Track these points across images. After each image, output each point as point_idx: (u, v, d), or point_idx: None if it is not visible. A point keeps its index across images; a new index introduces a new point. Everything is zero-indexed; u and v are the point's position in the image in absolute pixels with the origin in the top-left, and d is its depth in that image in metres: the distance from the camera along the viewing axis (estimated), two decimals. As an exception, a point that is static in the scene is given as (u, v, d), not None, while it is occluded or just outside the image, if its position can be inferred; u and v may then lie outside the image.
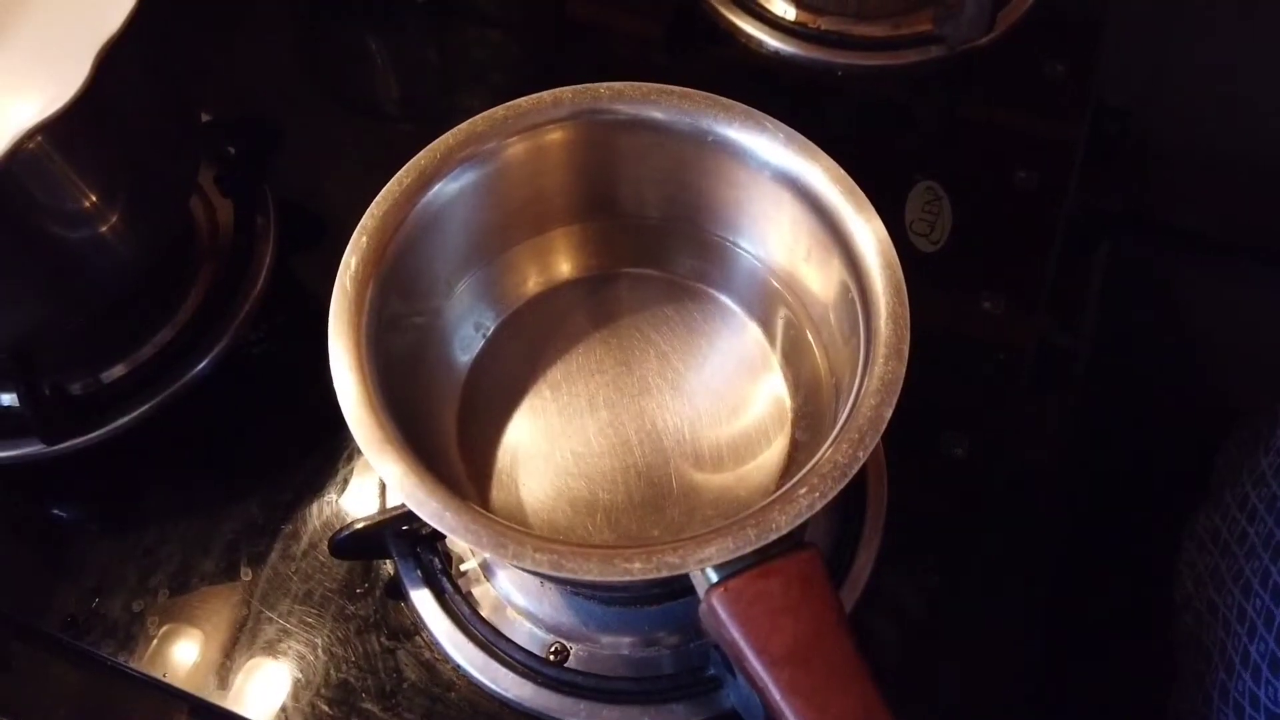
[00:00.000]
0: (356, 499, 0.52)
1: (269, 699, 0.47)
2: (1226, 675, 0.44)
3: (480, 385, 0.48)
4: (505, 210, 0.47)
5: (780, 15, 0.67)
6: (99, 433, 0.53)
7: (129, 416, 0.53)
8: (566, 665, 0.47)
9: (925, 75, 0.66)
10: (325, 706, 0.47)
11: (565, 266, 0.51)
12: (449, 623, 0.48)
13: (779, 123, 0.43)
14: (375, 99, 0.70)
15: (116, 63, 0.42)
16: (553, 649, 0.47)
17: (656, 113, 0.44)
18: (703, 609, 0.35)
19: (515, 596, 0.48)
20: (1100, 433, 0.63)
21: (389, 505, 0.50)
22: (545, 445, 0.47)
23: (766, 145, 0.43)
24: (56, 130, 0.41)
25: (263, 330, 0.57)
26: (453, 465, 0.46)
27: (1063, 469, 0.54)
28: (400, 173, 0.43)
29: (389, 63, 0.71)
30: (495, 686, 0.46)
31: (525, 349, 0.49)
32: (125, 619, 0.50)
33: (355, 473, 0.53)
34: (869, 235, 0.41)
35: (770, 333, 0.49)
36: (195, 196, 0.59)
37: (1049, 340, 0.58)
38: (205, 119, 0.60)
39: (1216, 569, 0.48)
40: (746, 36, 0.67)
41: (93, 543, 0.52)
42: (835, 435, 0.37)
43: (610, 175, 0.47)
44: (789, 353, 0.48)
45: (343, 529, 0.47)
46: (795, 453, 0.46)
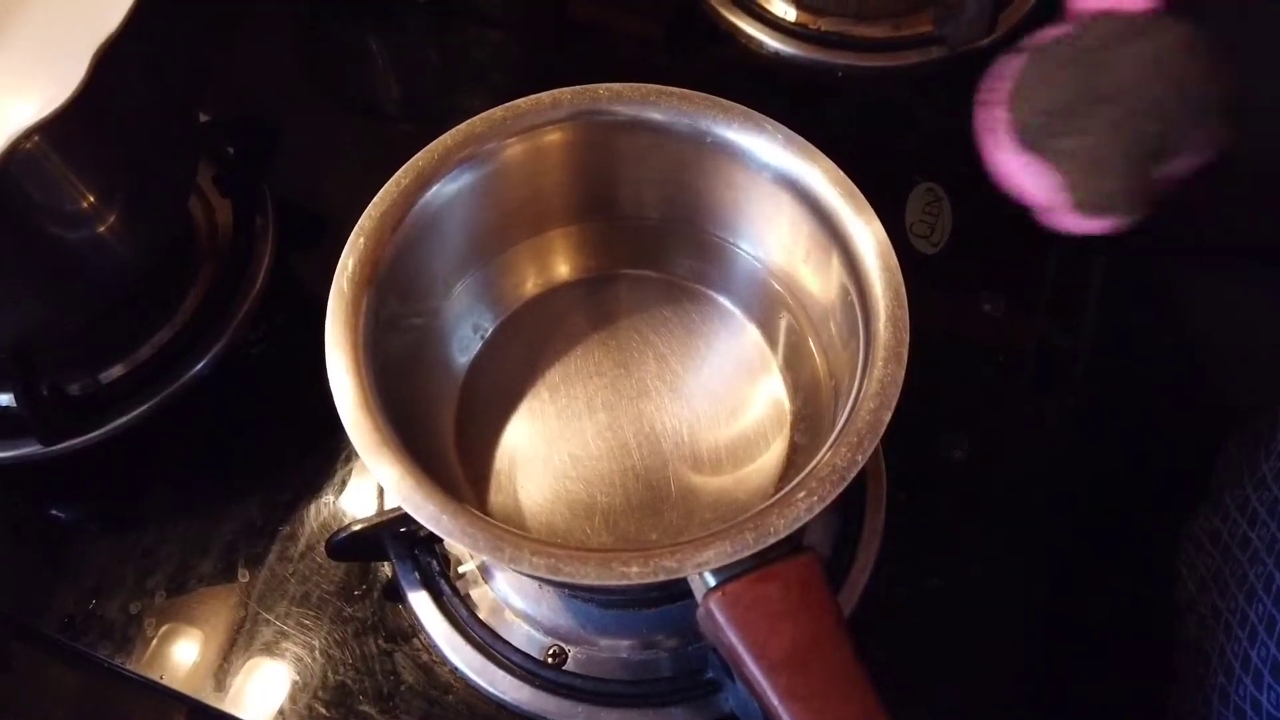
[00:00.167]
0: (354, 500, 0.52)
1: (266, 701, 0.47)
2: (1226, 679, 0.44)
3: (478, 387, 0.48)
4: (504, 211, 0.47)
5: (780, 16, 0.67)
6: (97, 433, 0.53)
7: (127, 417, 0.53)
8: (564, 668, 0.47)
9: (926, 76, 0.66)
10: (322, 709, 0.47)
11: (564, 268, 0.51)
12: (447, 625, 0.47)
13: (778, 124, 0.43)
14: (375, 99, 0.70)
15: (115, 62, 0.42)
16: (551, 651, 0.47)
17: (656, 114, 0.44)
18: (700, 613, 0.35)
19: (513, 599, 0.48)
20: (1100, 434, 0.63)
21: (387, 507, 0.50)
22: (543, 447, 0.47)
23: (766, 146, 0.43)
24: (54, 130, 0.41)
25: (261, 331, 0.57)
26: (450, 467, 0.46)
27: (1062, 470, 0.54)
28: (398, 173, 0.43)
29: (389, 63, 0.71)
30: (493, 689, 0.46)
31: (523, 350, 0.49)
32: (123, 620, 0.50)
33: (353, 474, 0.53)
34: (869, 237, 0.41)
35: (769, 335, 0.49)
36: (194, 196, 0.59)
37: (1049, 341, 0.57)
38: (204, 119, 0.60)
39: (1219, 572, 0.48)
40: (746, 37, 0.67)
41: (90, 543, 0.52)
42: (834, 438, 0.37)
43: (609, 176, 0.47)
44: (788, 355, 0.48)
45: (340, 531, 0.46)
46: (794, 455, 0.46)
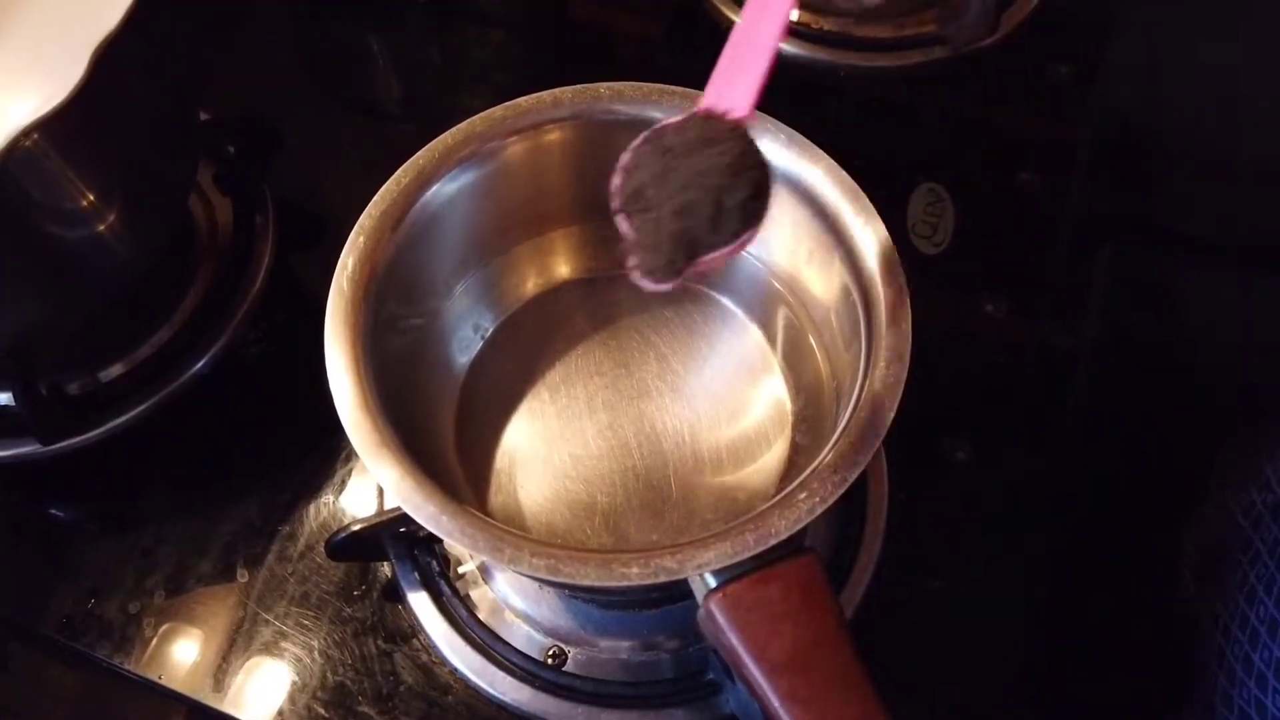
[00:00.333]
0: (354, 500, 0.52)
1: (265, 701, 0.47)
2: (1229, 682, 0.43)
3: (478, 387, 0.48)
4: (504, 211, 0.47)
5: (782, 16, 0.67)
6: (96, 433, 0.52)
7: (126, 416, 0.53)
8: (564, 669, 0.46)
9: (928, 77, 0.66)
10: (321, 709, 0.47)
11: (564, 268, 0.51)
12: (446, 625, 0.47)
13: (780, 124, 0.43)
14: (375, 98, 0.70)
15: (114, 60, 0.42)
16: (550, 652, 0.47)
17: (657, 113, 0.44)
18: (701, 614, 0.35)
19: (513, 599, 0.48)
20: (1101, 435, 0.63)
21: (386, 507, 0.50)
22: (544, 448, 0.47)
23: (768, 147, 0.43)
24: (53, 128, 0.41)
25: (261, 330, 0.57)
26: (450, 468, 0.46)
27: (1063, 471, 0.54)
28: (398, 172, 0.43)
29: (389, 62, 0.71)
30: (492, 690, 0.46)
31: (524, 351, 0.49)
32: (121, 620, 0.49)
33: (353, 474, 0.53)
34: (871, 237, 0.40)
35: (771, 335, 0.49)
36: (194, 195, 0.59)
37: (1050, 342, 0.57)
38: (204, 117, 0.60)
39: (1218, 574, 0.48)
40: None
41: (89, 543, 0.52)
42: (836, 439, 0.37)
43: (609, 175, 0.47)
44: (790, 355, 0.48)
45: (340, 531, 0.46)
46: (795, 456, 0.46)
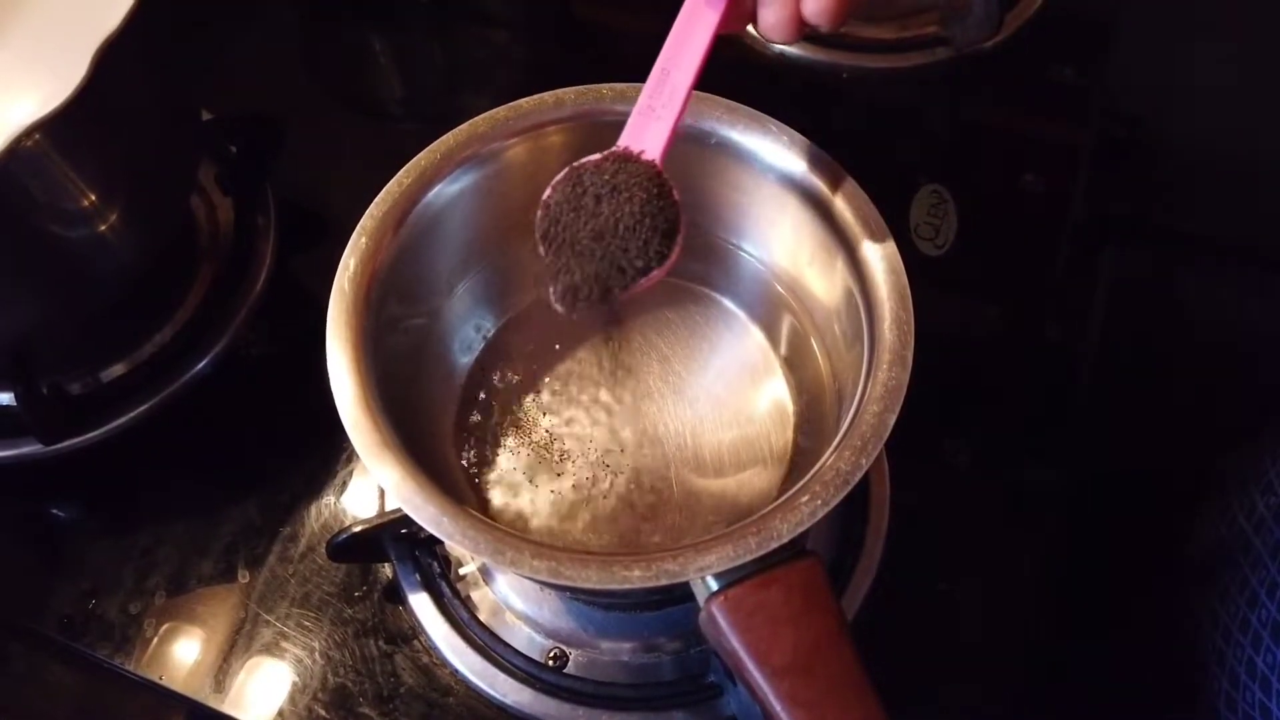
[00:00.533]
0: (355, 501, 0.52)
1: (266, 702, 0.47)
2: (1231, 685, 0.43)
3: (480, 388, 0.48)
4: (506, 212, 0.46)
5: (785, 16, 0.67)
6: (97, 432, 0.52)
7: (127, 416, 0.53)
8: (565, 671, 0.46)
9: (931, 78, 0.66)
10: (322, 711, 0.47)
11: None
12: (447, 627, 0.47)
13: (783, 125, 0.43)
14: (377, 98, 0.70)
15: (116, 60, 0.42)
16: (551, 654, 0.47)
17: (659, 114, 0.44)
18: (702, 617, 0.35)
19: (514, 601, 0.48)
20: (1104, 437, 0.63)
21: (387, 508, 0.50)
22: (545, 450, 0.47)
23: (771, 148, 0.43)
24: (55, 128, 0.41)
25: (262, 330, 0.57)
26: (451, 469, 0.46)
27: (1066, 474, 0.54)
28: (400, 173, 0.43)
29: (391, 62, 0.71)
30: (493, 692, 0.46)
31: (526, 352, 0.49)
32: (122, 620, 0.49)
33: (354, 475, 0.53)
34: (873, 239, 0.40)
35: (773, 337, 0.49)
36: (196, 195, 0.59)
37: (1053, 345, 0.57)
38: (206, 117, 0.60)
39: (1220, 577, 0.48)
40: (751, 38, 0.67)
41: (90, 543, 0.52)
42: (838, 442, 0.37)
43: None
44: (792, 357, 0.48)
45: (341, 532, 0.46)
46: (797, 458, 0.46)
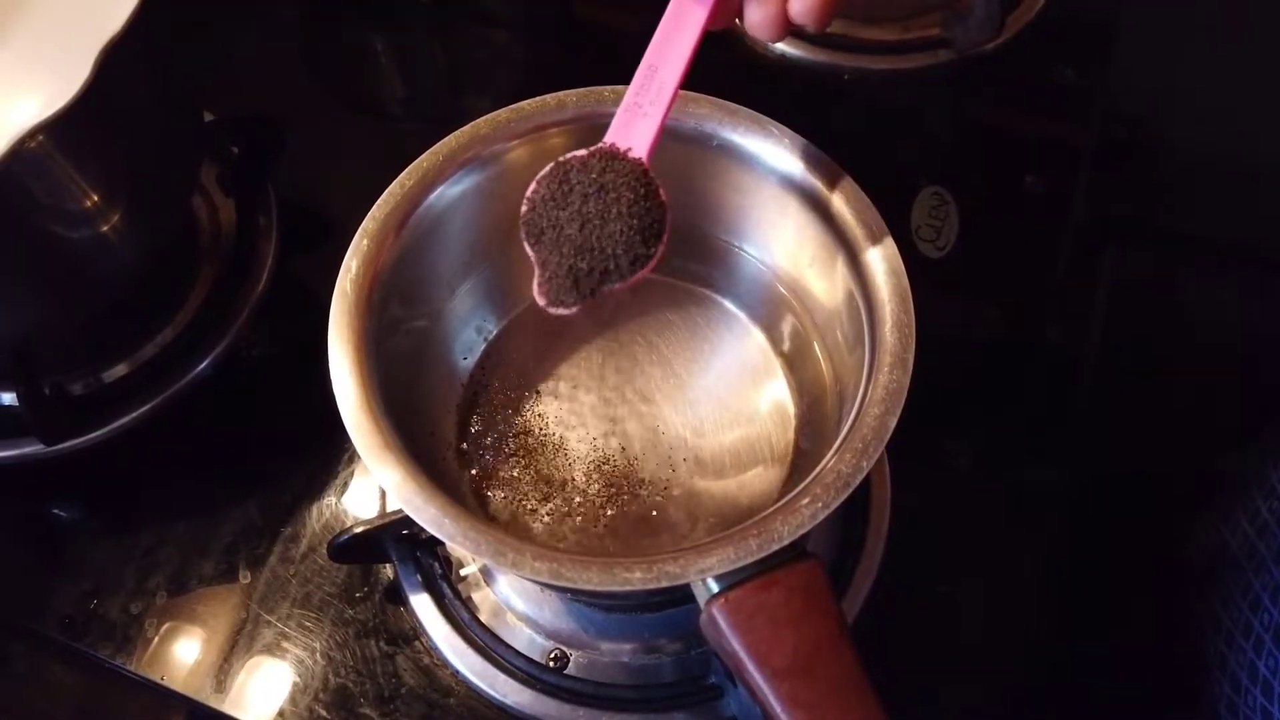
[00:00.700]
0: (356, 501, 0.52)
1: (267, 703, 0.47)
2: (1233, 690, 0.43)
3: (481, 390, 0.48)
4: (508, 214, 0.46)
5: (787, 18, 0.67)
6: (99, 433, 0.52)
7: (129, 417, 0.53)
8: (566, 672, 0.46)
9: (933, 79, 0.66)
10: (323, 711, 0.47)
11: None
12: (448, 628, 0.47)
13: (784, 127, 0.43)
14: (379, 99, 0.70)
15: (119, 62, 0.42)
16: (552, 655, 0.47)
17: (661, 116, 0.44)
18: (703, 619, 0.35)
19: (515, 602, 0.48)
20: (1105, 440, 0.63)
21: (389, 509, 0.50)
22: (546, 450, 0.47)
23: (772, 150, 0.43)
24: (58, 129, 0.41)
25: (264, 331, 0.57)
26: (452, 470, 0.46)
27: (1067, 476, 0.54)
28: (403, 175, 0.43)
29: (393, 63, 0.71)
30: (494, 692, 0.46)
31: (527, 354, 0.49)
32: (123, 620, 0.49)
33: (355, 475, 0.53)
34: (874, 241, 0.40)
35: (774, 339, 0.49)
36: (197, 196, 0.59)
37: (1054, 346, 0.57)
38: (208, 118, 0.60)
39: (1223, 582, 0.48)
40: (752, 40, 0.67)
41: (91, 543, 0.52)
42: (839, 444, 0.37)
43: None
44: (793, 359, 0.48)
45: (342, 532, 0.46)
46: (798, 460, 0.46)
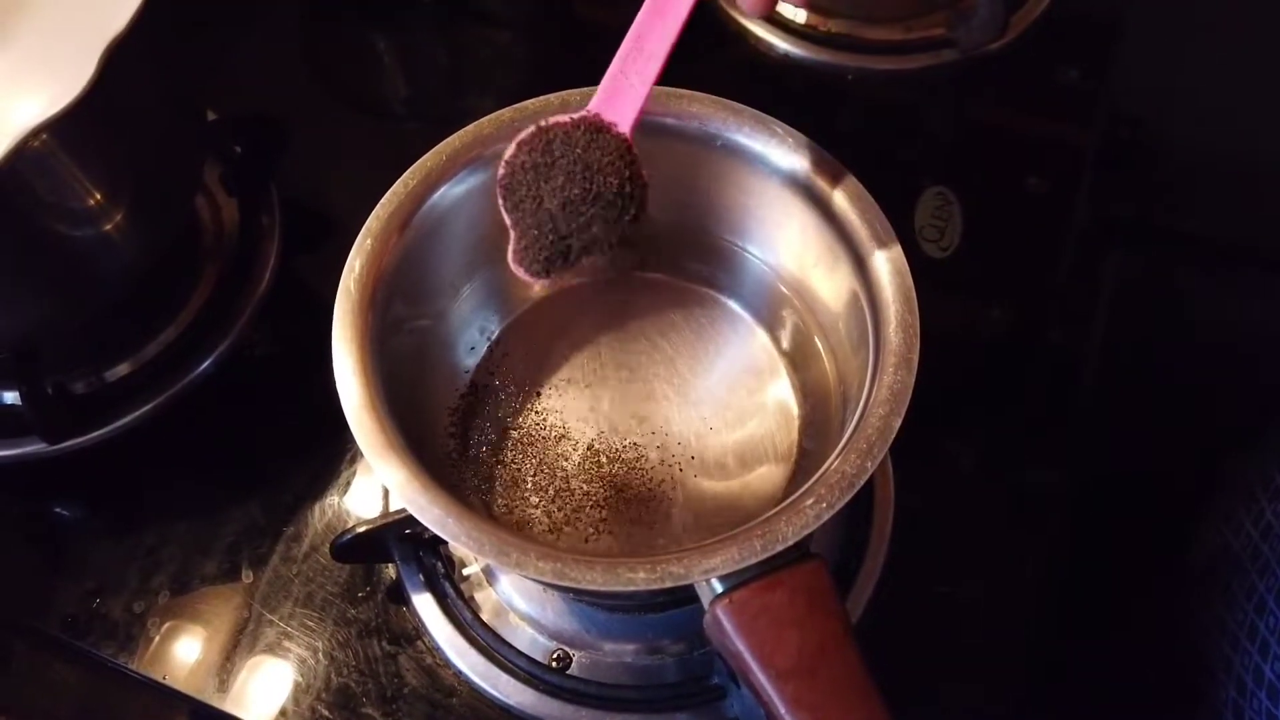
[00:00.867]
0: (359, 501, 0.52)
1: (269, 702, 0.47)
2: (1238, 694, 0.43)
3: (484, 390, 0.48)
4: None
5: (790, 18, 0.67)
6: (101, 432, 0.52)
7: (131, 416, 0.53)
8: (569, 672, 0.46)
9: (937, 79, 0.65)
10: (325, 711, 0.47)
11: (571, 270, 0.50)
12: (451, 628, 0.47)
13: (789, 127, 0.43)
14: (382, 99, 0.70)
15: (122, 61, 0.42)
16: (555, 655, 0.47)
17: (665, 116, 0.44)
18: (707, 620, 0.35)
19: (517, 602, 0.48)
20: (1108, 440, 0.63)
21: (391, 509, 0.50)
22: (549, 450, 0.47)
23: (776, 150, 0.43)
24: (62, 128, 0.41)
25: (266, 330, 0.57)
26: (455, 470, 0.46)
27: (1070, 477, 0.53)
28: (406, 174, 0.43)
29: (396, 62, 0.71)
30: (496, 693, 0.46)
31: (530, 353, 0.49)
32: (126, 620, 0.49)
33: (358, 475, 0.53)
34: (879, 242, 0.40)
35: (778, 339, 0.49)
36: (200, 195, 0.59)
37: (1058, 347, 0.57)
38: (211, 117, 0.60)
39: (1226, 584, 0.47)
40: (756, 39, 0.67)
41: (93, 542, 0.52)
42: (843, 445, 0.36)
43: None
44: (797, 360, 0.48)
45: (345, 532, 0.46)
46: (802, 461, 0.46)
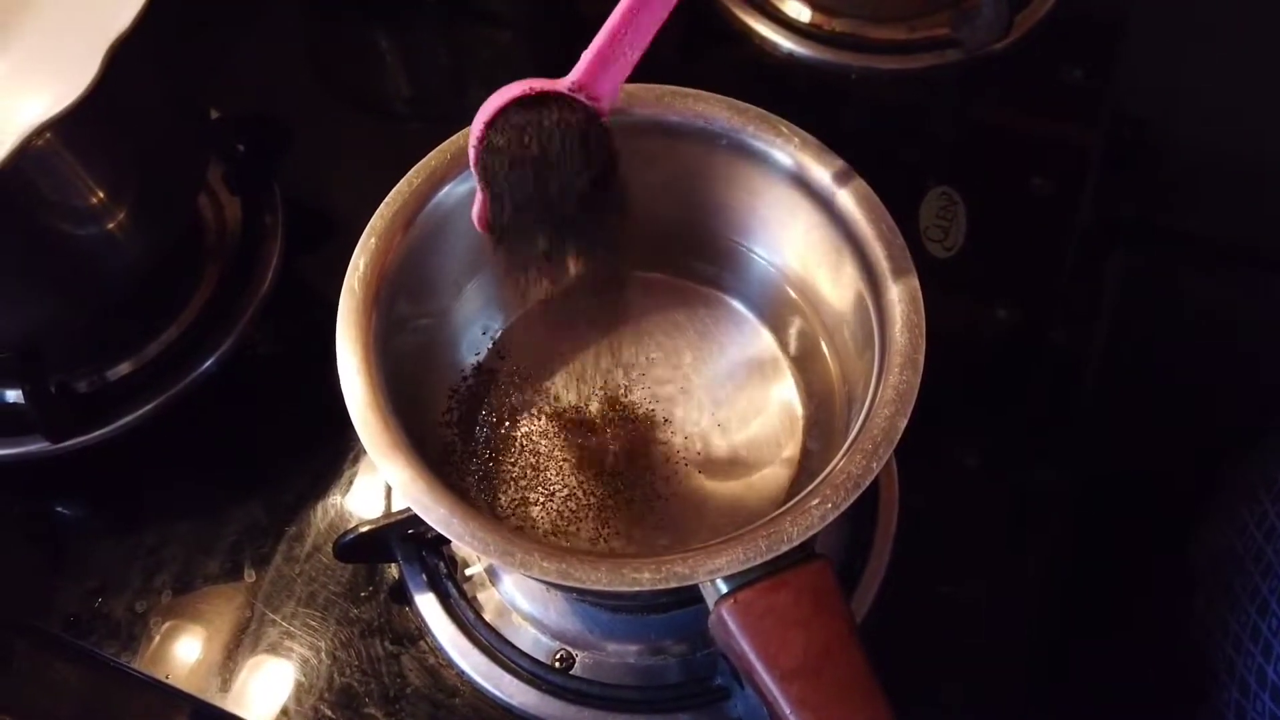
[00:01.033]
0: (361, 501, 0.52)
1: (271, 702, 0.47)
2: (1241, 695, 0.43)
3: (487, 389, 0.48)
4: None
5: (794, 17, 0.67)
6: (103, 431, 0.52)
7: (134, 415, 0.53)
8: (572, 673, 0.46)
9: (941, 79, 0.65)
10: (328, 710, 0.47)
11: (574, 269, 0.50)
12: (453, 628, 0.47)
13: (794, 126, 0.43)
14: (384, 98, 0.70)
15: (126, 60, 0.42)
16: (558, 656, 0.47)
17: (670, 115, 0.44)
18: (712, 620, 0.35)
19: (520, 602, 0.48)
20: (1111, 441, 0.63)
21: (396, 509, 0.50)
22: (552, 450, 0.47)
23: (781, 149, 0.43)
24: (65, 127, 0.41)
25: (269, 329, 0.57)
26: (458, 470, 0.46)
27: (1073, 477, 0.53)
28: (410, 173, 0.42)
29: (398, 62, 0.71)
30: (499, 693, 0.46)
31: (533, 352, 0.49)
32: (128, 619, 0.49)
33: (360, 474, 0.53)
34: (884, 242, 0.40)
35: (783, 339, 0.48)
36: (203, 194, 0.59)
37: (1062, 347, 0.57)
38: (215, 116, 0.60)
39: (1229, 585, 0.47)
40: (760, 38, 0.67)
41: (96, 542, 0.52)
42: (849, 445, 0.36)
43: (622, 178, 0.47)
44: (801, 360, 0.48)
45: (348, 532, 0.46)
46: (806, 461, 0.46)
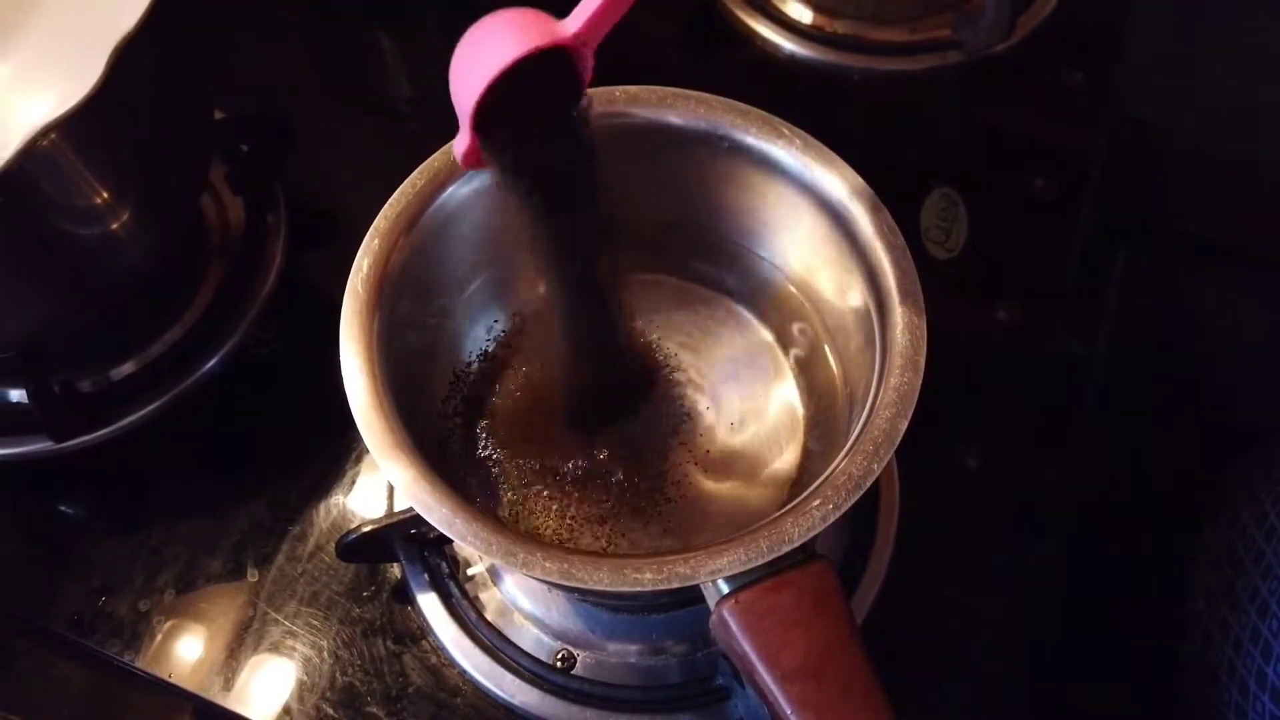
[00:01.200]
0: (364, 500, 0.52)
1: (273, 701, 0.47)
2: (1241, 696, 0.43)
3: (490, 389, 0.48)
4: (518, 212, 0.46)
5: (796, 18, 0.67)
6: (107, 430, 0.52)
7: (137, 415, 0.53)
8: (573, 672, 0.46)
9: (942, 81, 0.65)
10: (330, 710, 0.47)
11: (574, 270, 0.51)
12: (455, 627, 0.47)
13: (795, 128, 0.43)
14: (387, 98, 0.70)
15: (131, 60, 0.42)
16: (559, 656, 0.47)
17: (672, 117, 0.44)
18: (713, 621, 0.35)
19: (522, 602, 0.48)
20: (1113, 443, 0.63)
21: (397, 508, 0.50)
22: (554, 450, 0.47)
23: (783, 151, 0.43)
24: (70, 127, 0.41)
25: (272, 329, 0.57)
26: (461, 470, 0.46)
27: (1076, 480, 0.53)
28: (414, 174, 0.43)
29: (401, 62, 0.71)
30: (501, 692, 0.46)
31: (536, 353, 0.49)
32: (131, 618, 0.49)
33: (362, 474, 0.53)
34: (886, 243, 0.40)
35: (784, 340, 0.49)
36: (206, 194, 0.59)
37: (1064, 349, 0.57)
38: (218, 116, 0.60)
39: (1230, 587, 0.48)
40: (762, 40, 0.67)
41: (99, 541, 0.52)
42: (850, 446, 0.36)
43: (624, 179, 0.47)
44: (803, 361, 0.48)
45: (350, 531, 0.46)
46: (807, 462, 0.46)
